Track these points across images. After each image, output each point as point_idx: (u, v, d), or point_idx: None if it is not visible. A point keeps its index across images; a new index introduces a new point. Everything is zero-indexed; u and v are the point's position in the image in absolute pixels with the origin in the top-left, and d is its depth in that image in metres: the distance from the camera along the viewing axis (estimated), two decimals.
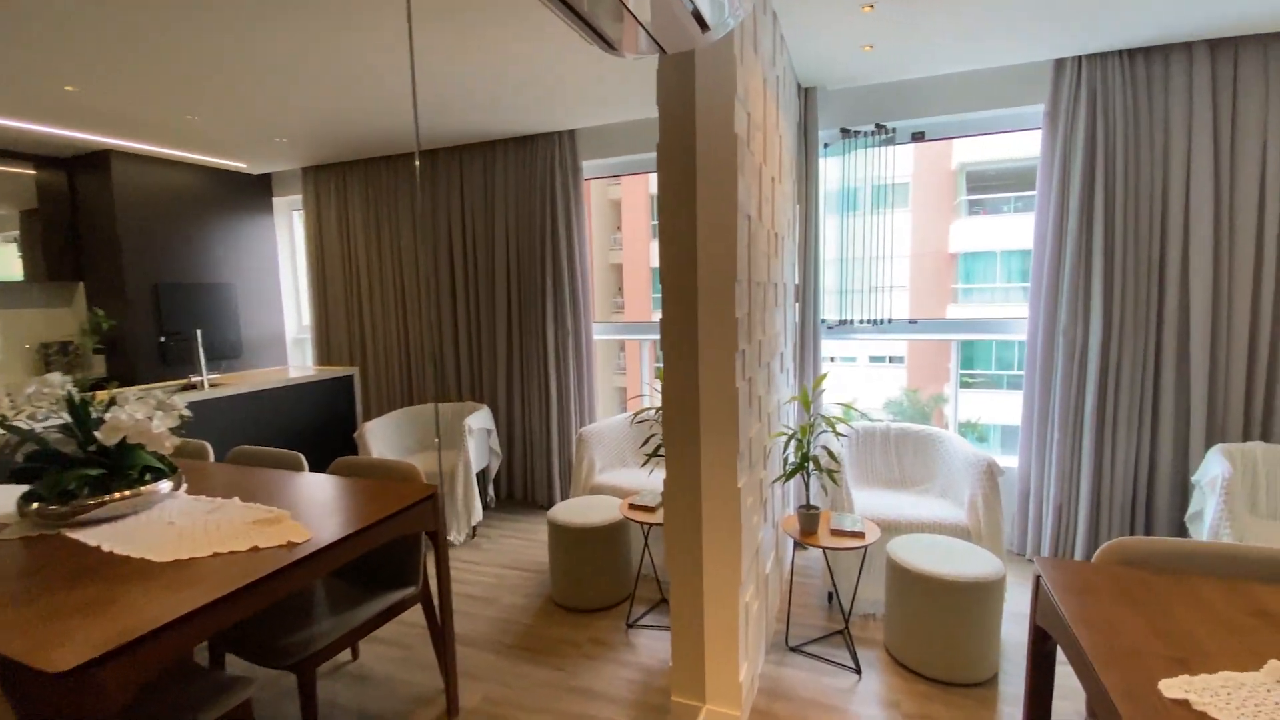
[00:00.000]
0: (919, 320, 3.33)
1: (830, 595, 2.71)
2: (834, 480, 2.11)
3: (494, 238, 4.01)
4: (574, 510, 2.77)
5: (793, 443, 2.20)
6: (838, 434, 2.13)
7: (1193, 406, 2.76)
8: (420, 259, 4.29)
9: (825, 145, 3.29)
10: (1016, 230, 13.14)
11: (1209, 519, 2.26)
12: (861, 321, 3.29)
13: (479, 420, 3.67)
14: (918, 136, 3.27)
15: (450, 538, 3.48)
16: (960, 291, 13.83)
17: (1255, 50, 2.55)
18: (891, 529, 2.55)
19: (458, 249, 4.14)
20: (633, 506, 2.51)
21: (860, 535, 2.21)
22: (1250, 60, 2.55)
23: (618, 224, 15.81)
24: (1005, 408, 13.19)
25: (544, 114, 3.46)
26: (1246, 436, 2.72)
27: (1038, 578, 1.32)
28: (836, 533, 2.23)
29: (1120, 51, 2.71)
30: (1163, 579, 1.26)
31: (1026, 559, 3.13)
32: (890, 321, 3.27)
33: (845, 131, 3.20)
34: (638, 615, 2.63)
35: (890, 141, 3.21)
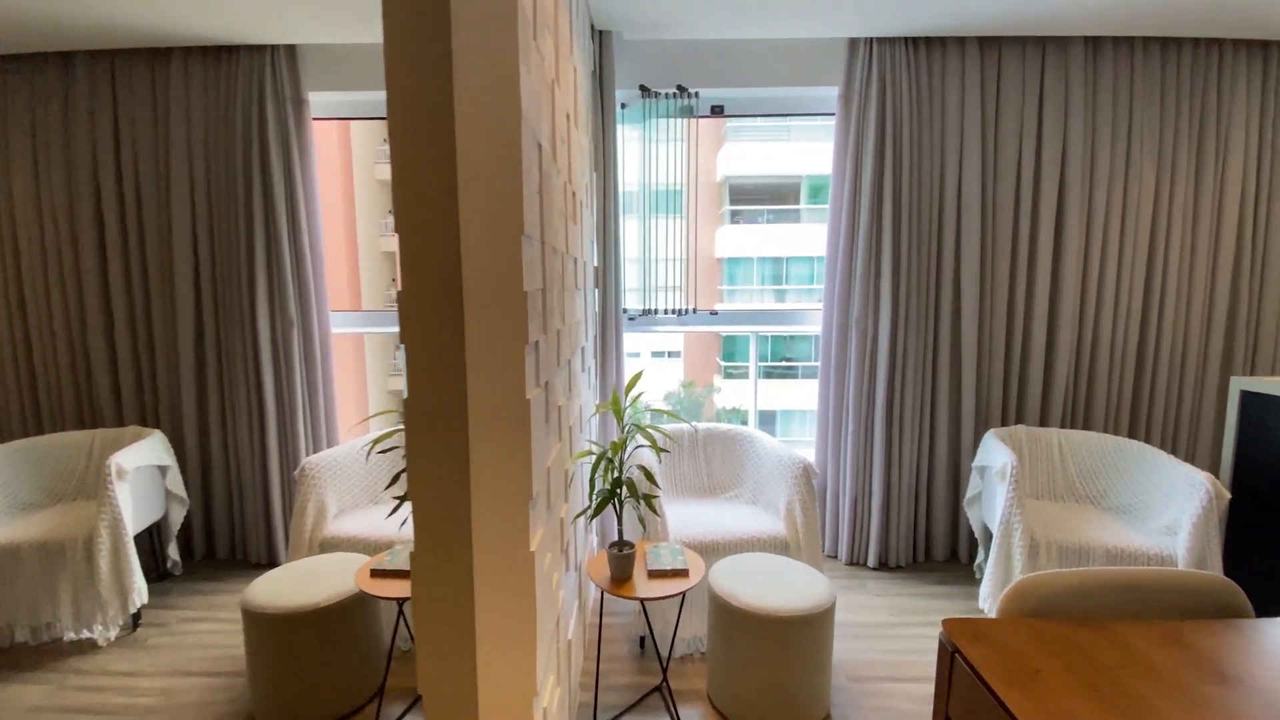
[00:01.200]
0: (719, 312, 3.07)
1: (643, 640, 2.25)
2: (652, 508, 1.64)
3: (170, 191, 2.80)
4: (287, 583, 1.89)
5: (602, 464, 1.66)
6: (659, 450, 1.65)
7: (963, 393, 2.88)
8: (50, 217, 2.85)
9: (623, 106, 2.83)
10: (770, 240, 14.67)
11: (1000, 508, 2.28)
12: (666, 312, 2.91)
13: (140, 454, 2.48)
14: (717, 110, 2.99)
15: (93, 636, 2.29)
16: (725, 293, 15.05)
17: (1015, 51, 2.70)
18: (710, 551, 2.18)
19: (112, 205, 2.82)
20: (376, 574, 1.74)
21: (683, 574, 1.76)
22: (1011, 61, 2.70)
23: (390, 207, 13.98)
24: (764, 395, 14.59)
25: (245, 16, 2.43)
26: (1004, 420, 2.93)
27: (953, 655, 0.95)
28: (655, 574, 1.75)
29: (906, 39, 2.69)
30: (1087, 633, 0.96)
31: (827, 555, 3.05)
32: (695, 312, 2.95)
33: (645, 90, 2.77)
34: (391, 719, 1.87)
35: (690, 111, 2.87)
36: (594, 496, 1.66)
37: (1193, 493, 2.11)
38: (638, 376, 1.73)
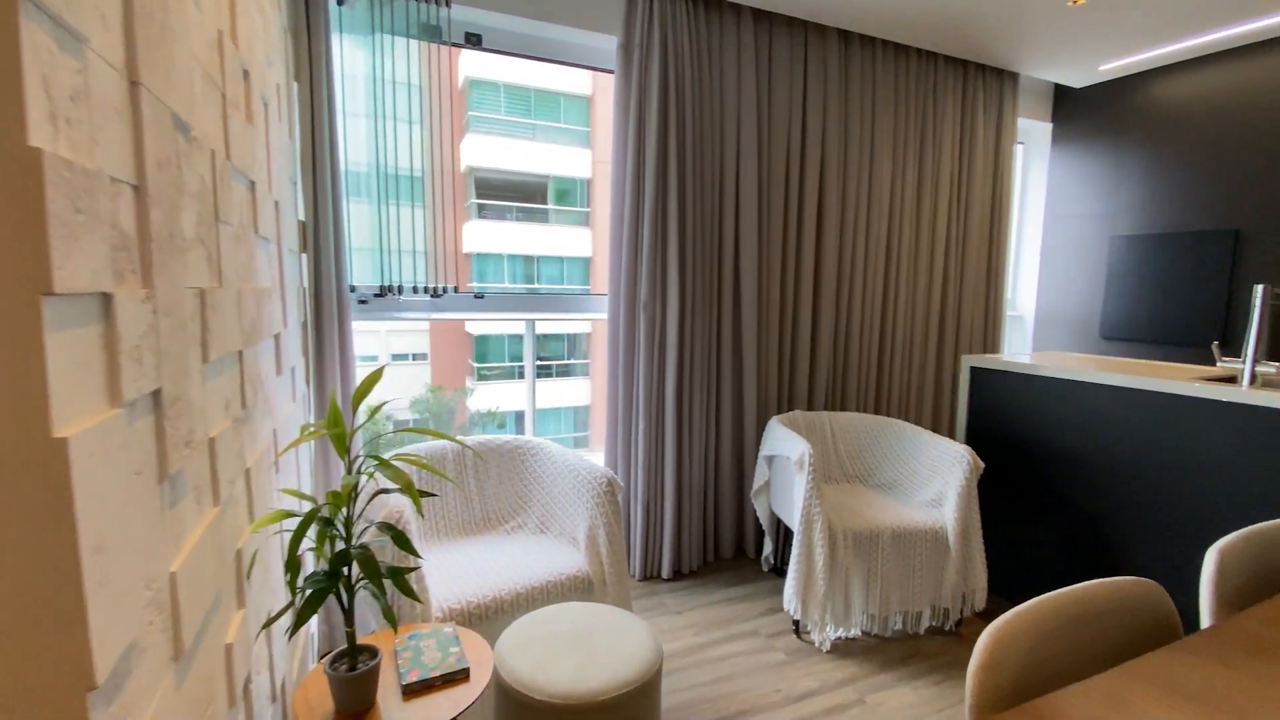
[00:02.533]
0: (486, 294, 2.48)
1: None
2: (410, 592, 1.00)
3: None
4: None
5: (312, 527, 0.97)
6: (417, 498, 0.98)
7: (745, 381, 2.77)
8: None
9: (340, 2, 2.04)
10: (520, 238, 14.26)
11: (800, 499, 2.14)
12: (419, 290, 2.20)
13: None
14: (473, 39, 2.39)
15: None
16: (475, 289, 14.20)
17: (784, 31, 2.64)
18: (493, 614, 1.60)
19: None
20: None
21: (461, 677, 1.16)
22: (780, 39, 2.64)
23: None
24: (519, 397, 14.22)
25: None
26: (779, 407, 2.90)
27: None
28: (416, 689, 1.12)
29: None
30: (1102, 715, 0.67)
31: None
32: (455, 290, 2.30)
33: None
34: None
35: (438, 34, 2.21)
36: (299, 589, 0.96)
37: (956, 465, 2.22)
38: (374, 378, 1.06)
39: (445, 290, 2.24)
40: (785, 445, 2.33)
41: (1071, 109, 3.45)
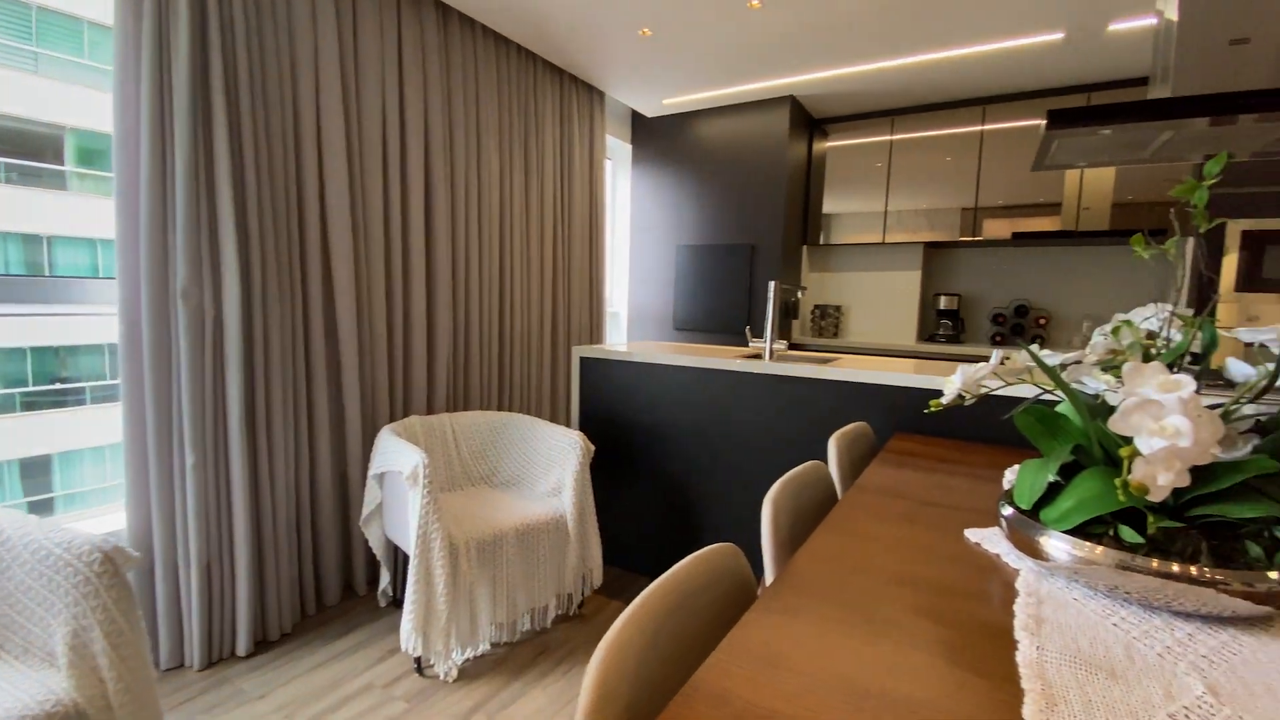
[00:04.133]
0: None
1: None
2: None
3: None
4: None
5: None
6: None
7: (345, 389, 2.34)
8: None
9: None
10: (17, 209, 9.85)
11: (415, 518, 1.86)
12: None
13: None
14: None
15: None
16: None
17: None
18: None
19: None
20: None
21: None
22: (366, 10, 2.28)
23: None
24: (27, 436, 9.88)
25: None
26: (394, 415, 2.55)
27: None
28: None
29: None
30: None
31: (170, 668, 1.93)
32: None
33: None
34: None
35: None
36: None
37: (570, 451, 2.27)
38: None
39: None
40: (397, 459, 2.02)
41: (645, 134, 4.02)
